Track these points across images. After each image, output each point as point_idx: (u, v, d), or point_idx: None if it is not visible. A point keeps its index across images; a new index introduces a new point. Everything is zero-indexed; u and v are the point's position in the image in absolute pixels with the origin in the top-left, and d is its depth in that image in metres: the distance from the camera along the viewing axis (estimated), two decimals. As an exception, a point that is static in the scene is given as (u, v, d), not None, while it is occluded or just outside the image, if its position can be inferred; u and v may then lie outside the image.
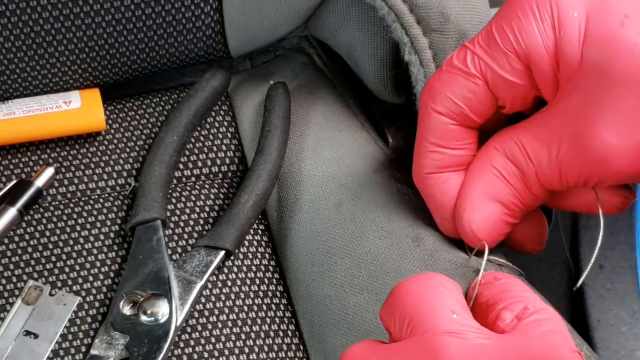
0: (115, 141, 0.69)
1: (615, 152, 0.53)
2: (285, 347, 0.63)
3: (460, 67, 0.56)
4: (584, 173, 0.54)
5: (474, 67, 0.56)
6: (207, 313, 0.63)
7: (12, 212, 0.65)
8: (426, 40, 0.63)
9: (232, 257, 0.65)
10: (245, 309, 0.64)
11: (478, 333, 0.49)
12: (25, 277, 0.64)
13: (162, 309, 0.61)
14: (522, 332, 0.50)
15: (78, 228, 0.65)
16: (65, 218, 0.66)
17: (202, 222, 0.66)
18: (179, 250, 0.65)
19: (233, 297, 0.64)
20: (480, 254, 0.58)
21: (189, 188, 0.68)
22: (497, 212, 0.57)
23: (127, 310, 0.61)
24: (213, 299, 0.64)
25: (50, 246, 0.65)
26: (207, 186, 0.68)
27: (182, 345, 0.62)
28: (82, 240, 0.65)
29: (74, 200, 0.67)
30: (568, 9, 0.54)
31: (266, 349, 0.63)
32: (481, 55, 0.56)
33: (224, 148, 0.69)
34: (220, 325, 0.63)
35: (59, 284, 0.64)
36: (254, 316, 0.64)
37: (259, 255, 0.66)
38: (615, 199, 0.58)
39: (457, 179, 0.58)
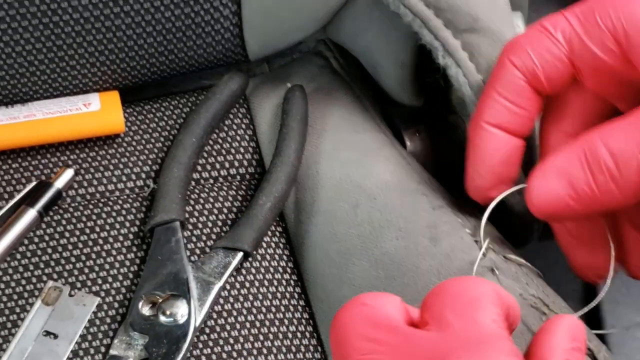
0: (134, 143, 0.69)
1: None
2: (302, 348, 0.64)
3: (549, 28, 0.56)
4: None
5: (562, 32, 0.56)
6: (225, 314, 0.63)
7: (31, 213, 0.65)
8: (457, 41, 0.62)
9: (250, 259, 0.65)
10: (263, 310, 0.64)
11: (391, 347, 0.47)
12: (44, 278, 0.64)
13: (180, 310, 0.61)
14: (436, 320, 0.48)
15: (97, 229, 0.66)
16: (84, 219, 0.66)
17: (220, 223, 0.67)
18: (197, 251, 0.66)
19: (251, 298, 0.64)
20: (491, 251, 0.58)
21: (207, 189, 0.68)
22: (562, 191, 0.55)
23: (146, 310, 0.61)
24: (231, 299, 0.64)
25: (70, 247, 0.65)
26: (225, 188, 0.69)
27: (200, 345, 0.62)
28: (101, 241, 0.65)
29: (93, 202, 0.67)
30: None
31: (284, 349, 0.63)
32: (574, 23, 0.55)
33: (242, 150, 0.70)
34: (238, 326, 0.63)
35: (78, 285, 0.64)
36: (272, 317, 0.64)
37: (276, 256, 0.66)
38: None
39: (507, 142, 0.58)
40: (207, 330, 0.63)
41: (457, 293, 0.48)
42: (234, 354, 0.62)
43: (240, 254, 0.64)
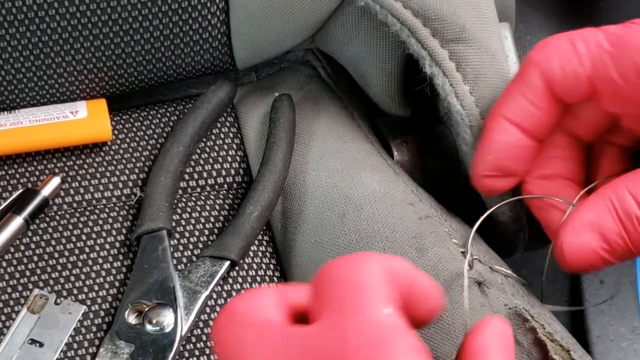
0: (121, 151, 0.69)
1: None
2: (289, 358, 0.63)
3: (579, 46, 0.57)
4: None
5: (590, 53, 0.57)
6: (211, 323, 0.63)
7: (18, 221, 0.65)
8: (445, 51, 0.63)
9: (237, 268, 0.65)
10: (250, 319, 0.64)
11: (265, 348, 0.45)
12: (30, 286, 0.64)
13: (167, 318, 0.61)
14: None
15: (83, 237, 0.66)
16: (70, 227, 0.66)
17: (207, 232, 0.67)
18: (184, 260, 0.66)
19: (237, 307, 0.64)
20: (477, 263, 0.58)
21: (194, 198, 0.68)
22: (595, 244, 0.56)
23: (132, 319, 0.61)
24: (218, 309, 0.64)
25: (56, 255, 0.65)
26: (212, 197, 0.68)
27: (186, 354, 0.62)
28: (87, 249, 0.65)
29: (79, 210, 0.67)
30: None
31: (270, 359, 0.63)
32: (605, 47, 0.56)
33: (229, 159, 0.70)
34: (224, 335, 0.63)
35: (64, 293, 0.64)
36: (258, 326, 0.64)
37: (263, 265, 0.66)
38: None
39: (518, 139, 0.59)
40: (194, 340, 0.63)
41: (341, 280, 0.45)
42: (220, 363, 0.62)
43: (227, 263, 0.64)
